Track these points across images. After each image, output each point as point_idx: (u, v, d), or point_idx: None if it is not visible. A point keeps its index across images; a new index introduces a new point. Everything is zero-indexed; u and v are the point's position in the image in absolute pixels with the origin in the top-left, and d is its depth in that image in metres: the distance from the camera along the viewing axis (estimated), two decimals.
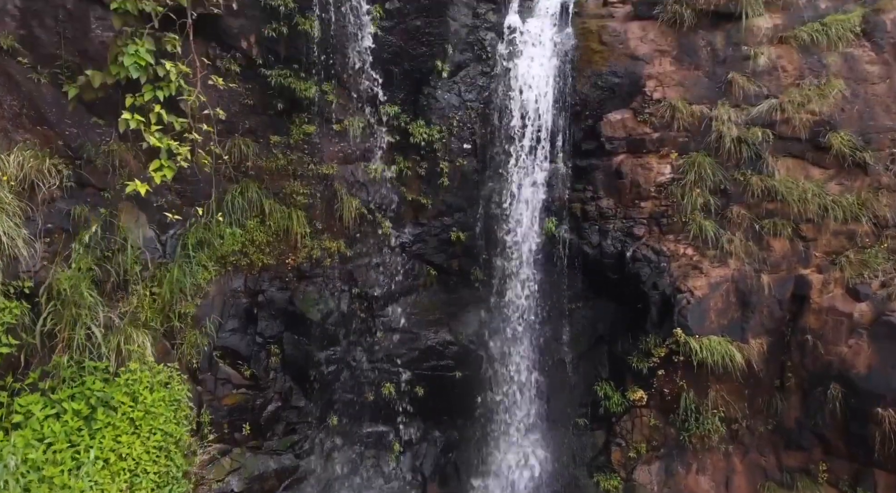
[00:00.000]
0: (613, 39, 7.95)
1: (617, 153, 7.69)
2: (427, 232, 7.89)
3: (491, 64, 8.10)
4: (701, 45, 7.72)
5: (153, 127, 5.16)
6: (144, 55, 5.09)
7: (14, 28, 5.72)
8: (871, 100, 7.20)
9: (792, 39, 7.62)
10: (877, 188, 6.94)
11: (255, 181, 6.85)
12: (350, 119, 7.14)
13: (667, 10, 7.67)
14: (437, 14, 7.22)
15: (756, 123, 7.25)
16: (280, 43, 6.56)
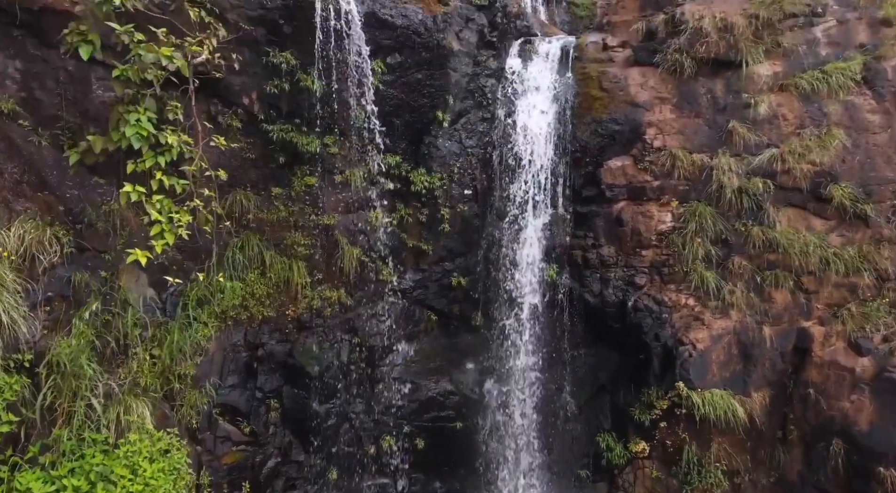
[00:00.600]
0: (614, 86, 7.97)
1: (617, 200, 7.69)
2: (428, 277, 7.88)
3: (491, 110, 8.12)
4: (701, 92, 7.73)
5: (154, 197, 5.16)
6: (146, 125, 5.09)
7: (15, 91, 5.73)
8: (871, 150, 7.21)
9: (792, 87, 7.63)
10: (878, 240, 6.93)
11: (255, 234, 6.85)
12: (351, 170, 7.14)
13: (667, 58, 7.70)
14: (439, 66, 7.24)
15: (757, 173, 7.26)
16: (282, 99, 6.58)
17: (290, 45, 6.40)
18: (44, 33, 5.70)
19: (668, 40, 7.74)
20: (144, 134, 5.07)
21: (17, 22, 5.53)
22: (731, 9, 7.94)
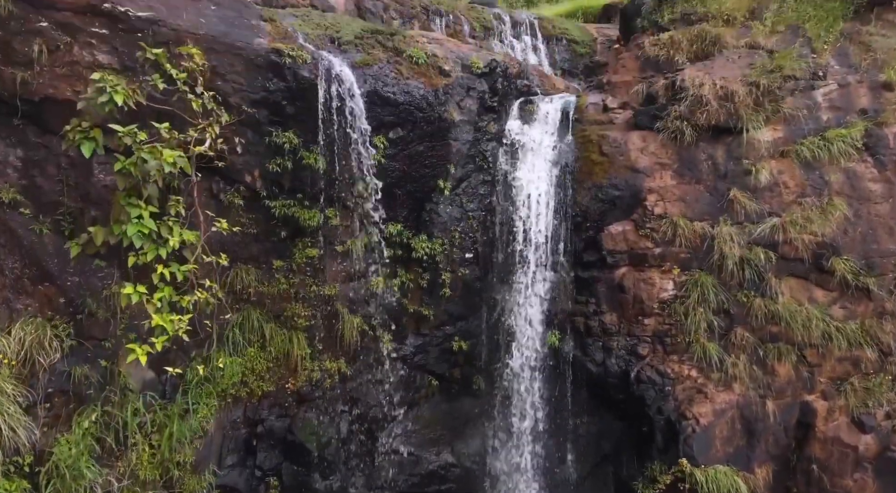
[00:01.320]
0: (614, 150, 7.97)
1: (619, 266, 7.67)
2: (429, 342, 7.85)
3: (492, 172, 8.12)
4: (701, 158, 7.73)
5: (156, 296, 5.14)
6: (147, 222, 5.08)
7: (16, 179, 5.73)
8: (873, 221, 7.20)
9: (793, 154, 7.63)
10: (880, 314, 6.91)
11: (256, 308, 6.82)
12: (353, 240, 7.13)
13: (667, 125, 7.69)
14: (440, 138, 7.24)
15: (759, 243, 7.24)
16: (284, 176, 6.57)
17: (293, 125, 6.41)
18: (45, 121, 5.71)
19: (668, 107, 7.76)
20: (146, 232, 5.06)
21: (19, 113, 5.56)
22: (731, 74, 7.96)
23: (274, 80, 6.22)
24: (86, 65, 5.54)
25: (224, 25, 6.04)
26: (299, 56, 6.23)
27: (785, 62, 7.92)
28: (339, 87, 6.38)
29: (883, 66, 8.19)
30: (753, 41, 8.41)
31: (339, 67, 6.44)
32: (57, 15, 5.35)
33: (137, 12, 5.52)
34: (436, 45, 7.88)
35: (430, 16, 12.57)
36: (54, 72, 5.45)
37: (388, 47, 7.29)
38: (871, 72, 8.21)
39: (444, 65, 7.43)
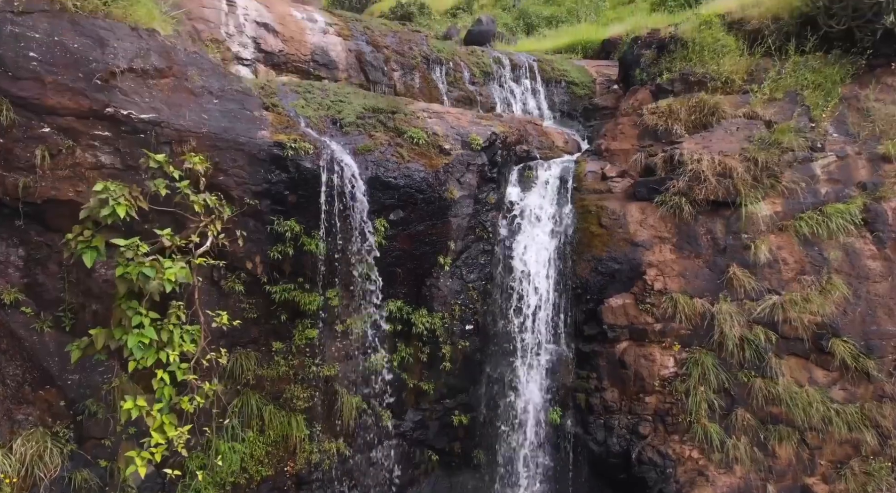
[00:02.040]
0: (613, 222, 8.00)
1: (619, 341, 7.67)
2: (428, 417, 7.82)
3: (492, 242, 8.14)
4: (701, 233, 7.76)
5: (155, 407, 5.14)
6: (148, 331, 5.09)
7: (18, 278, 5.73)
8: (873, 301, 7.21)
9: (792, 229, 7.66)
10: (880, 397, 6.91)
11: (255, 391, 6.81)
12: (352, 319, 7.13)
13: (666, 200, 7.73)
14: (440, 216, 7.26)
15: (759, 322, 7.25)
16: (285, 262, 6.58)
17: (294, 213, 6.43)
18: (47, 220, 5.72)
19: (666, 181, 7.80)
20: (147, 342, 5.06)
21: (20, 214, 5.57)
22: (729, 147, 8.00)
23: (276, 172, 6.25)
24: (88, 166, 5.57)
25: (226, 120, 6.08)
26: (302, 147, 6.26)
27: (783, 136, 7.97)
28: (341, 175, 6.41)
29: (881, 137, 8.25)
30: (752, 111, 8.46)
31: (341, 156, 6.48)
32: (59, 120, 5.38)
33: (140, 114, 5.55)
34: (436, 120, 7.92)
35: (430, 65, 12.64)
36: (56, 175, 5.47)
37: (388, 127, 7.33)
38: (870, 143, 8.27)
39: (445, 143, 7.46)
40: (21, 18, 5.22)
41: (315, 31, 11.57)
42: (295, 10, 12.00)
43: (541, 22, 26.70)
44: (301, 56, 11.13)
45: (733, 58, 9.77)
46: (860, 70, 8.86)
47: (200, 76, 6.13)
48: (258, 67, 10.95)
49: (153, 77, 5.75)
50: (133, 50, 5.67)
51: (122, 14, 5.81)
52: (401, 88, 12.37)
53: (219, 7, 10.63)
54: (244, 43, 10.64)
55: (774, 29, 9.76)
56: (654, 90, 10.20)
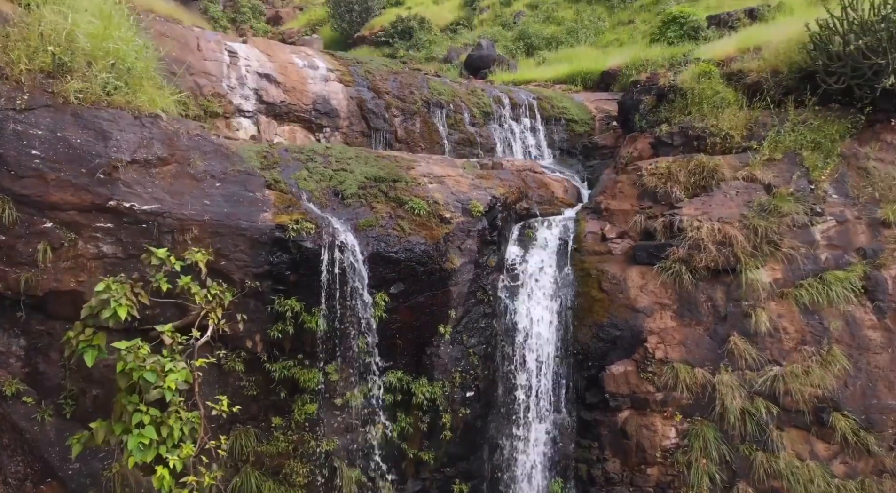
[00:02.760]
0: (613, 287, 8.01)
1: (621, 410, 7.65)
2: (429, 486, 7.77)
3: (493, 305, 8.12)
4: (701, 300, 7.76)
5: None
6: (148, 431, 5.07)
7: (19, 368, 5.74)
8: (873, 373, 7.21)
9: (792, 297, 7.66)
10: (880, 472, 6.89)
11: (254, 468, 6.78)
12: (352, 392, 7.12)
13: (666, 267, 7.76)
14: (441, 286, 7.27)
15: (760, 394, 7.24)
16: (285, 340, 6.57)
17: (295, 292, 6.44)
18: (48, 310, 5.73)
19: (666, 247, 7.82)
20: (147, 442, 5.06)
21: (21, 306, 5.58)
22: (729, 212, 8.02)
23: (278, 254, 6.27)
24: (90, 256, 5.59)
25: (228, 205, 6.10)
26: (304, 228, 6.28)
27: (783, 203, 7.99)
28: (342, 253, 6.43)
29: (881, 201, 8.27)
30: (751, 174, 8.48)
31: (343, 234, 6.50)
32: (62, 215, 5.40)
33: (143, 206, 5.57)
34: (437, 186, 7.94)
35: (430, 109, 12.69)
36: (58, 267, 5.49)
37: (390, 197, 7.35)
38: (870, 206, 8.29)
39: (445, 212, 7.48)
40: (23, 115, 5.26)
41: (316, 79, 11.61)
42: (296, 58, 12.05)
43: (541, 43, 26.85)
44: (303, 106, 11.18)
45: (732, 111, 9.82)
46: (859, 126, 8.90)
47: (203, 160, 6.16)
48: (260, 118, 11.01)
49: (156, 166, 5.78)
50: (136, 141, 5.71)
51: (124, 102, 5.84)
52: (402, 133, 12.42)
53: (221, 59, 10.70)
54: (246, 95, 10.68)
55: (773, 83, 9.81)
56: (654, 142, 10.25)
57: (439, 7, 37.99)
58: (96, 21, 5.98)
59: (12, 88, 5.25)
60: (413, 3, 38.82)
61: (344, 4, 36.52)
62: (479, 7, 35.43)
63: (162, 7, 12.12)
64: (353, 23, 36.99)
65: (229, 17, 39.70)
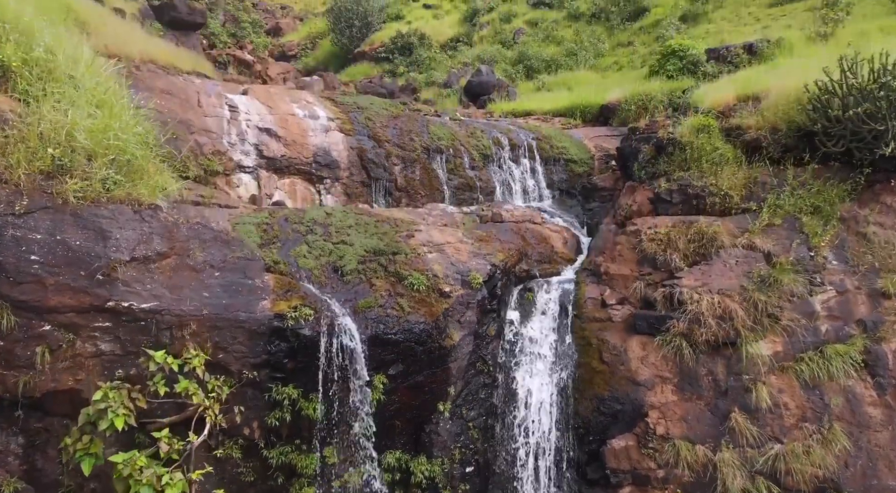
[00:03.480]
0: (614, 358, 7.99)
1: (623, 486, 7.59)
2: None
3: (493, 374, 8.10)
4: (702, 373, 7.74)
5: None
6: None
7: (17, 466, 5.70)
8: (873, 452, 7.17)
9: (793, 372, 7.64)
10: None
11: None
12: (350, 474, 7.09)
13: (667, 341, 7.74)
14: (440, 364, 7.26)
15: (761, 474, 7.19)
16: (283, 426, 6.54)
17: (293, 379, 6.42)
18: (46, 408, 5.70)
19: (666, 320, 7.81)
20: None
21: (20, 406, 5.56)
22: (729, 284, 8.00)
23: (276, 343, 6.25)
24: (88, 355, 5.57)
25: (227, 295, 6.09)
26: (302, 315, 6.27)
27: (783, 275, 7.97)
28: (340, 338, 6.41)
29: (881, 270, 8.25)
30: (750, 242, 8.47)
31: (342, 318, 6.48)
32: (60, 317, 5.39)
33: (141, 304, 5.57)
34: (437, 256, 7.93)
35: (430, 155, 12.70)
36: (56, 368, 5.47)
37: (389, 272, 7.34)
38: (870, 275, 8.26)
39: (445, 286, 7.47)
40: (22, 220, 5.25)
41: (317, 131, 11.61)
42: (297, 108, 12.05)
43: (540, 65, 26.92)
44: (303, 159, 11.18)
45: (731, 170, 9.82)
46: (859, 187, 8.89)
47: (202, 249, 6.16)
48: (260, 173, 11.00)
49: (155, 261, 5.78)
50: (135, 238, 5.71)
51: (124, 195, 5.85)
52: (402, 182, 12.42)
53: (221, 115, 10.70)
54: (246, 151, 10.68)
55: (772, 140, 9.80)
56: (653, 198, 10.24)
57: (439, 22, 38.11)
58: (97, 111, 5.99)
59: (11, 193, 5.25)
60: (413, 17, 38.97)
61: (344, 20, 36.64)
62: (478, 23, 35.54)
63: (163, 53, 12.12)
64: (353, 38, 37.06)
65: (230, 33, 39.81)
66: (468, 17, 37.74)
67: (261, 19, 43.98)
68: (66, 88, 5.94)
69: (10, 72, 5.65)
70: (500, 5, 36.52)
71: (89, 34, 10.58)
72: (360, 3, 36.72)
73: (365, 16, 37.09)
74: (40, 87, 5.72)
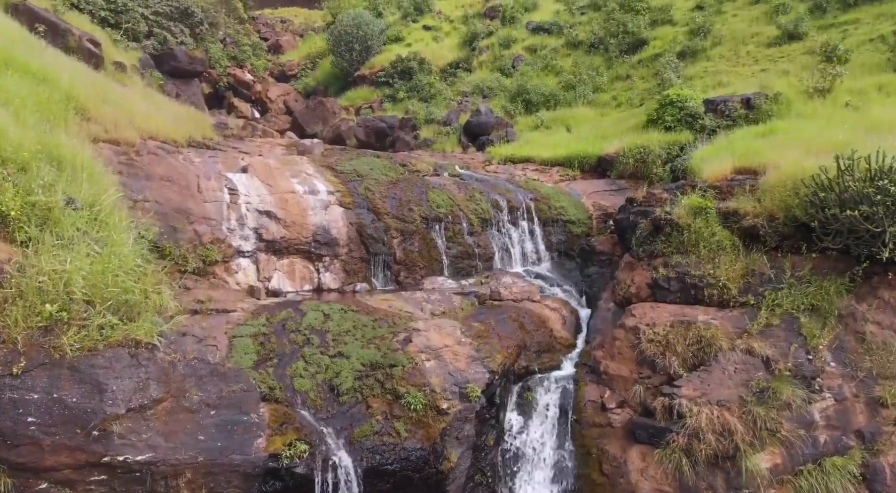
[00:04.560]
0: (614, 471, 7.95)
1: None
2: None
3: (492, 487, 8.03)
4: (702, 487, 7.68)
5: None
6: None
7: None
8: None
9: (792, 486, 7.61)
10: None
11: None
12: None
13: (667, 455, 7.71)
14: (438, 489, 7.22)
15: None
16: None
17: None
18: None
19: (666, 433, 7.79)
20: None
21: None
22: (728, 394, 7.99)
23: (271, 482, 6.21)
24: None
25: (222, 436, 6.05)
26: (297, 453, 6.24)
27: (782, 386, 7.94)
28: (335, 473, 6.40)
29: (878, 376, 8.24)
30: (749, 346, 8.45)
31: (337, 452, 6.47)
32: (56, 475, 5.37)
33: (136, 457, 5.55)
34: (434, 363, 7.90)
35: (429, 224, 12.70)
36: None
37: (386, 389, 7.33)
38: (868, 382, 8.23)
39: (442, 403, 7.45)
40: (20, 380, 5.25)
41: (317, 209, 11.61)
42: (297, 183, 12.04)
43: (539, 99, 26.98)
44: (303, 239, 11.18)
45: (729, 258, 9.83)
46: (857, 280, 8.89)
47: (198, 388, 6.15)
48: (259, 256, 10.98)
49: (150, 408, 5.77)
50: (132, 387, 5.70)
51: (121, 338, 5.85)
52: (400, 255, 12.40)
53: (221, 199, 10.71)
54: (246, 235, 10.69)
55: (770, 229, 9.82)
56: (652, 283, 10.26)
57: (439, 45, 38.22)
58: (96, 249, 6.00)
59: (9, 352, 5.25)
60: (413, 39, 39.08)
61: (344, 44, 36.83)
62: (478, 47, 35.64)
63: (163, 128, 12.12)
64: (353, 62, 37.23)
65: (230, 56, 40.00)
66: (468, 41, 37.84)
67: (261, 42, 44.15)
68: (65, 226, 5.95)
69: (10, 219, 5.66)
70: (499, 29, 36.58)
71: (89, 119, 10.66)
72: (361, 27, 36.91)
73: (365, 40, 37.25)
74: (39, 232, 5.73)
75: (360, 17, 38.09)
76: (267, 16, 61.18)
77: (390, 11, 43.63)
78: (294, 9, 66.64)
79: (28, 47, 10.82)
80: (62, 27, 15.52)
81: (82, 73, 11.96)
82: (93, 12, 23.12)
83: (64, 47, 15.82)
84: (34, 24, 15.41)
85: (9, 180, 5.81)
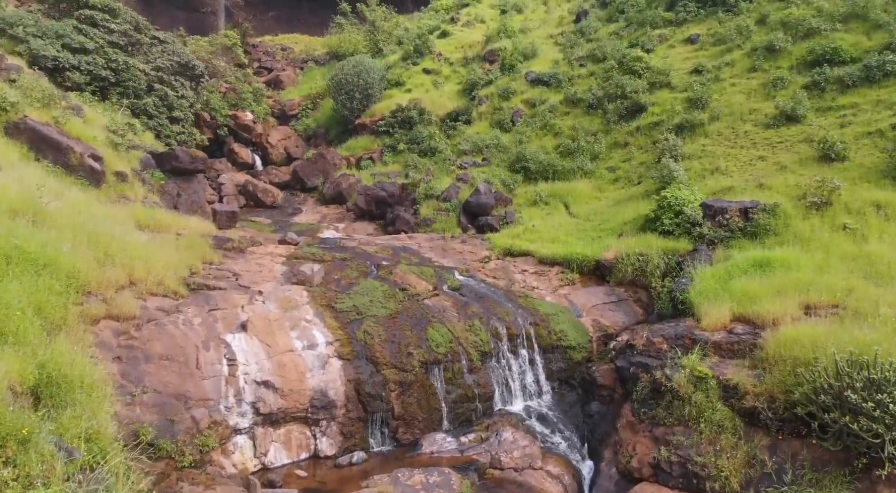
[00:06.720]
0: None
1: None
2: None
3: None
4: None
5: None
6: None
7: None
8: None
9: None
10: None
11: None
12: None
13: None
14: None
15: None
16: None
17: None
18: None
19: None
20: None
21: None
22: None
23: None
24: None
25: None
26: None
27: None
28: None
29: None
30: None
31: None
32: None
33: None
34: None
35: (428, 368, 12.60)
36: None
37: None
38: None
39: None
40: None
41: (315, 369, 11.52)
42: (296, 338, 11.93)
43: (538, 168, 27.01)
44: (299, 407, 11.08)
45: (730, 440, 9.89)
46: (857, 472, 8.86)
47: None
48: (256, 432, 10.86)
49: None
50: None
51: None
52: (399, 410, 12.30)
53: (219, 374, 10.59)
54: (243, 412, 10.57)
55: (770, 412, 9.81)
56: (654, 463, 10.26)
57: (438, 92, 38.41)
58: None
59: None
60: (413, 83, 39.29)
61: (345, 92, 37.10)
62: (477, 97, 35.82)
63: (166, 263, 12.08)
64: (354, 109, 37.52)
65: (231, 103, 40.24)
66: (467, 90, 38.06)
67: (261, 88, 44.39)
68: None
69: None
70: (498, 78, 36.70)
71: (89, 293, 10.62)
72: (361, 76, 37.16)
73: (366, 88, 37.52)
74: None
75: (360, 64, 38.23)
76: (267, 43, 61.39)
77: (390, 49, 43.86)
78: (294, 36, 66.97)
79: (27, 230, 10.31)
80: (64, 145, 15.56)
81: (83, 222, 11.85)
82: (92, 72, 23.23)
83: (65, 165, 15.88)
84: (34, 142, 15.49)
85: (9, 464, 5.77)
